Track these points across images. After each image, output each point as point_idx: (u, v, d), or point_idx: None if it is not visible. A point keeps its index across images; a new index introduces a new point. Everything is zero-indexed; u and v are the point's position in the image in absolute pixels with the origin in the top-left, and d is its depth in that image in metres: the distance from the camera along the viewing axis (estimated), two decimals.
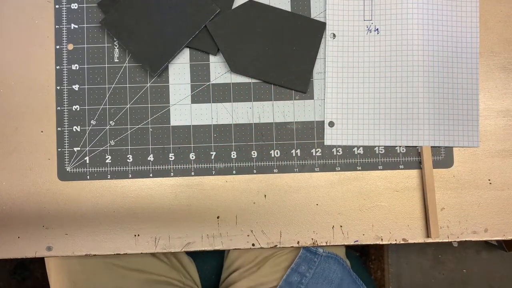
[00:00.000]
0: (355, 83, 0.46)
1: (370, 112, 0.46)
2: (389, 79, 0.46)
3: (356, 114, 0.46)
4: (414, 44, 0.45)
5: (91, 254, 0.46)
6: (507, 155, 0.47)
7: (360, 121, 0.46)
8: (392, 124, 0.46)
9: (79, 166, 0.47)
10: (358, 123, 0.46)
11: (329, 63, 0.47)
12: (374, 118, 0.46)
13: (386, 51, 0.46)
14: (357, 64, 0.46)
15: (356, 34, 0.46)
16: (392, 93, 0.46)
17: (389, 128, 0.46)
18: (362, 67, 0.46)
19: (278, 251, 0.57)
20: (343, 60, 0.47)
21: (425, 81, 0.45)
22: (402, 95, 0.46)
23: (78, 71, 0.47)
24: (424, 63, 0.45)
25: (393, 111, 0.46)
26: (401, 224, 0.46)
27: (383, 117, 0.46)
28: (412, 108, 0.46)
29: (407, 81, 0.46)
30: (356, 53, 0.46)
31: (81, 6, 0.47)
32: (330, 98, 0.47)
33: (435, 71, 0.46)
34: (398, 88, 0.46)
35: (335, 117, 0.47)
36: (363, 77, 0.46)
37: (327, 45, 0.47)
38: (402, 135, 0.46)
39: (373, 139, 0.46)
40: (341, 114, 0.47)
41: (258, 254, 0.58)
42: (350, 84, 0.46)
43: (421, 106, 0.45)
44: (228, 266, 0.61)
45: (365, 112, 0.46)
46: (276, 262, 0.57)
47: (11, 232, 0.47)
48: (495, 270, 1.14)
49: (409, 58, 0.45)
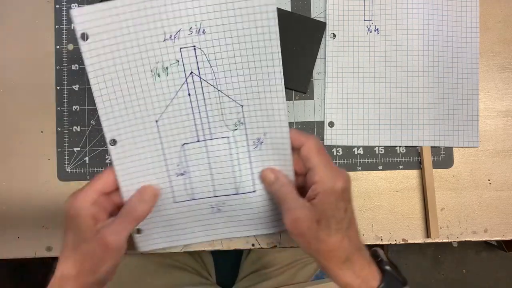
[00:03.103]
0: (355, 83, 0.46)
1: (370, 112, 0.46)
2: (389, 79, 0.46)
3: (356, 114, 0.46)
4: (414, 44, 0.45)
5: None
6: (507, 155, 0.47)
7: (360, 121, 0.46)
8: (392, 124, 0.46)
9: (79, 166, 0.47)
10: (358, 123, 0.46)
11: (329, 63, 0.46)
12: (374, 118, 0.46)
13: (386, 51, 0.46)
14: (357, 64, 0.46)
15: (356, 34, 0.46)
16: (392, 93, 0.46)
17: (389, 128, 0.46)
18: (362, 67, 0.46)
19: (306, 256, 0.56)
20: (343, 60, 0.46)
21: (425, 81, 0.45)
22: (402, 95, 0.46)
23: (78, 71, 0.47)
24: (424, 63, 0.45)
25: (393, 111, 0.46)
26: (401, 224, 0.46)
27: (383, 117, 0.46)
28: (412, 108, 0.46)
29: (407, 81, 0.46)
30: (356, 53, 0.46)
31: (81, 6, 0.47)
32: (330, 98, 0.47)
33: (435, 71, 0.46)
34: (398, 88, 0.46)
35: (335, 117, 0.47)
36: (363, 77, 0.46)
37: (327, 45, 0.47)
38: (402, 135, 0.46)
39: (373, 139, 0.46)
40: (341, 114, 0.47)
41: (288, 256, 0.57)
42: (350, 84, 0.46)
43: (421, 106, 0.45)
44: (249, 265, 0.61)
45: (365, 112, 0.46)
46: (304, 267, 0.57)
47: (11, 232, 0.47)
48: (495, 270, 1.14)
49: (409, 58, 0.45)
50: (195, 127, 0.40)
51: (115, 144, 0.39)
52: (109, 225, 0.36)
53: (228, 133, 0.40)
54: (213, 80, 0.39)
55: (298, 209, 0.35)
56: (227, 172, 0.41)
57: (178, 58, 0.38)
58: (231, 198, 0.41)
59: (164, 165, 0.40)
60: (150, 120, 0.39)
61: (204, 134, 0.40)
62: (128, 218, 0.37)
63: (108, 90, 0.38)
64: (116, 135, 0.39)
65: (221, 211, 0.42)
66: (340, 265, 0.35)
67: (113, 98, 0.38)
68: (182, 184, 0.41)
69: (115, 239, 0.35)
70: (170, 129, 0.39)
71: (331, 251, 0.35)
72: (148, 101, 0.39)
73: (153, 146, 0.40)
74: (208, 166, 0.41)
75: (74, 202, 0.36)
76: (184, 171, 0.41)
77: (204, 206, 0.42)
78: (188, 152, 0.40)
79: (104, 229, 0.36)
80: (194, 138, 0.40)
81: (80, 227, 0.36)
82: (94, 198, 0.37)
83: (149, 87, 0.38)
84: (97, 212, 0.37)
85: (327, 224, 0.35)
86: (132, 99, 0.38)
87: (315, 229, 0.35)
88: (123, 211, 0.38)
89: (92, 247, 0.35)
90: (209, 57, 0.38)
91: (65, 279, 0.36)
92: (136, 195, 0.39)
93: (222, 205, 0.42)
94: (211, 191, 0.41)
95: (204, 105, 0.39)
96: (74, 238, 0.36)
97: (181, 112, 0.39)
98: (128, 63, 0.37)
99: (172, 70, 0.38)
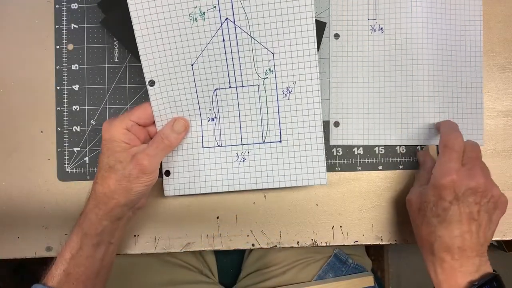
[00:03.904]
0: (360, 82, 0.46)
1: (376, 112, 0.46)
2: (394, 78, 0.46)
3: (361, 113, 0.46)
4: (418, 43, 0.45)
5: None
6: (507, 155, 0.47)
7: (366, 120, 0.46)
8: (398, 123, 0.46)
9: (79, 166, 0.47)
10: (363, 123, 0.46)
11: (333, 63, 0.46)
12: (379, 118, 0.46)
13: (390, 50, 0.46)
14: (362, 64, 0.46)
15: (360, 33, 0.46)
16: (397, 92, 0.46)
17: (394, 127, 0.46)
18: (366, 66, 0.46)
19: (309, 256, 0.56)
20: (347, 60, 0.46)
21: (429, 79, 0.45)
22: (407, 94, 0.46)
23: (78, 71, 0.47)
24: (429, 62, 0.45)
25: (398, 110, 0.46)
26: (401, 224, 0.46)
27: (388, 116, 0.46)
28: (418, 107, 0.46)
29: (412, 80, 0.46)
30: (361, 52, 0.46)
31: (81, 6, 0.47)
32: (335, 98, 0.46)
33: (439, 69, 0.46)
34: (403, 87, 0.46)
35: (340, 117, 0.46)
36: (368, 77, 0.46)
37: (331, 45, 0.46)
38: (408, 134, 0.46)
39: (378, 138, 0.46)
40: (346, 114, 0.46)
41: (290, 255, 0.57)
42: (355, 84, 0.46)
43: (426, 105, 0.45)
44: (251, 264, 0.60)
45: (371, 112, 0.46)
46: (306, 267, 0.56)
47: (11, 232, 0.46)
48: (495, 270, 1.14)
49: (413, 57, 0.45)
50: (228, 73, 0.42)
51: (153, 85, 0.42)
52: (144, 149, 0.39)
53: (258, 81, 0.42)
54: (246, 27, 0.41)
55: (413, 192, 0.42)
56: (255, 120, 0.43)
57: (214, 3, 0.40)
58: (257, 147, 0.43)
59: (197, 108, 0.42)
60: (186, 64, 0.41)
61: (236, 81, 0.42)
62: (161, 145, 0.40)
63: (149, 31, 0.40)
64: (154, 76, 0.41)
65: (246, 160, 0.43)
66: (428, 256, 0.40)
67: (153, 40, 0.41)
68: (212, 129, 0.43)
69: (150, 162, 0.38)
70: (204, 73, 0.42)
71: (420, 239, 0.41)
72: (185, 45, 0.41)
73: (188, 89, 0.42)
74: (237, 113, 0.43)
75: (109, 127, 0.39)
76: (215, 117, 0.43)
77: (230, 154, 0.43)
78: (220, 98, 0.42)
79: (139, 153, 0.39)
80: (226, 84, 0.42)
81: (115, 149, 0.39)
82: (128, 125, 0.40)
83: (187, 31, 0.41)
84: (131, 138, 0.40)
85: (423, 214, 0.40)
86: (171, 42, 0.41)
87: (416, 215, 0.41)
88: (156, 138, 0.40)
89: (128, 169, 0.38)
90: (244, 3, 0.40)
91: (99, 198, 0.39)
92: (168, 125, 0.41)
93: (247, 154, 0.43)
94: (238, 138, 0.43)
95: (237, 51, 0.41)
96: (109, 159, 0.39)
97: (215, 57, 0.41)
98: (168, 6, 0.40)
99: (209, 16, 0.40)
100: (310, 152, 0.43)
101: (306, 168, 0.43)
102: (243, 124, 0.43)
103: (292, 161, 0.43)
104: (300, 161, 0.43)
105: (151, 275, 0.56)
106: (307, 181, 0.43)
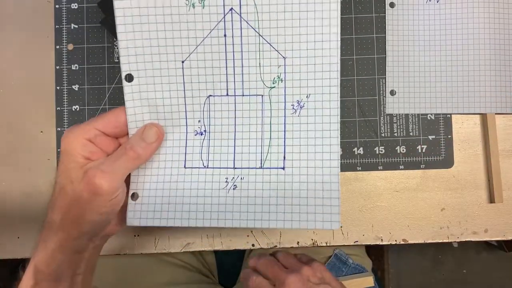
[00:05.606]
0: (416, 51, 0.46)
1: (432, 80, 0.46)
2: (450, 47, 0.46)
3: (418, 82, 0.46)
4: (475, 12, 0.45)
5: None
6: (507, 155, 0.47)
7: (422, 89, 0.46)
8: (454, 92, 0.46)
9: None
10: (420, 91, 0.46)
11: (389, 32, 0.47)
12: (436, 86, 0.46)
13: (446, 19, 0.46)
14: (418, 33, 0.46)
15: (416, 2, 0.46)
16: (454, 61, 0.46)
17: (451, 96, 0.46)
18: (423, 35, 0.46)
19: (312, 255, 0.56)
20: (403, 29, 0.47)
21: (486, 48, 0.46)
22: (463, 63, 0.46)
23: (78, 71, 0.47)
24: (485, 30, 0.45)
25: (455, 79, 0.46)
26: (401, 224, 0.46)
27: (444, 85, 0.46)
28: (474, 76, 0.46)
29: (468, 49, 0.46)
30: (416, 21, 0.46)
31: (81, 6, 0.47)
32: (391, 66, 0.47)
33: (497, 38, 0.46)
34: (459, 56, 0.46)
35: (396, 86, 0.47)
36: (424, 45, 0.46)
37: (387, 13, 0.47)
38: (464, 103, 0.46)
39: (435, 107, 0.46)
40: (402, 82, 0.46)
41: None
42: (411, 53, 0.46)
43: (482, 74, 0.46)
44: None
45: (427, 80, 0.46)
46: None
47: (11, 232, 0.46)
48: (495, 270, 1.14)
49: (469, 26, 0.46)
50: (226, 77, 0.34)
51: (131, 81, 0.33)
52: (99, 164, 0.30)
53: (263, 90, 0.34)
54: (255, 22, 0.33)
55: None
56: (254, 139, 0.34)
57: None
58: (253, 173, 0.34)
59: (183, 116, 0.34)
60: (175, 59, 0.33)
61: (235, 88, 0.34)
62: (124, 157, 0.31)
63: (133, 11, 0.32)
64: (134, 70, 0.33)
65: (237, 188, 0.34)
66: None
67: (137, 23, 0.32)
68: (198, 146, 0.34)
69: (105, 180, 0.29)
70: (197, 74, 0.33)
71: None
72: (176, 35, 0.33)
73: (174, 92, 0.34)
74: (233, 128, 0.34)
75: (68, 136, 0.31)
76: (204, 130, 0.34)
77: (218, 178, 0.34)
78: (213, 107, 0.34)
79: (92, 169, 0.29)
80: (223, 91, 0.34)
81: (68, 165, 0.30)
82: (91, 135, 0.31)
83: (180, 18, 0.32)
84: (92, 151, 0.31)
85: None
86: (159, 29, 0.32)
87: None
88: (119, 149, 0.32)
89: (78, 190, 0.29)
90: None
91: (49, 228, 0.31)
92: (137, 132, 0.33)
93: (240, 180, 0.34)
94: (231, 160, 0.34)
95: (240, 51, 0.33)
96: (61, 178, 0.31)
97: (212, 56, 0.33)
98: None
99: (210, 3, 0.32)
100: (320, 186, 0.33)
101: (314, 206, 0.33)
102: (238, 143, 0.34)
103: (297, 194, 0.33)
104: (306, 195, 0.33)
105: (151, 275, 0.56)
106: (314, 223, 0.33)
